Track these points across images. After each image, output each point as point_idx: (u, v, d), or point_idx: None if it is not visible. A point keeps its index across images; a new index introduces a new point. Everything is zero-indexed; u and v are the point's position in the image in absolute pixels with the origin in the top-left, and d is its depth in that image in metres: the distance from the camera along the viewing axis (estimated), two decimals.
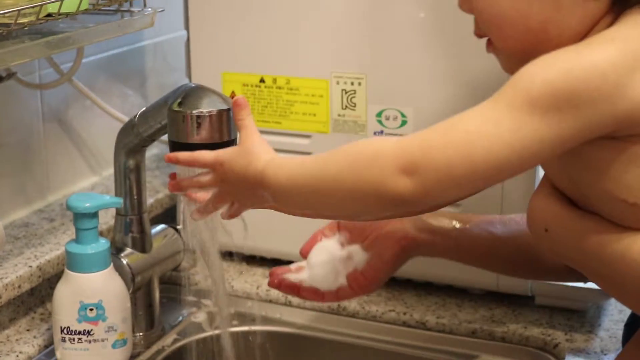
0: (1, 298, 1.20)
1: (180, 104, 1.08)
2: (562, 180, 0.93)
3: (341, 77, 1.30)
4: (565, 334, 1.24)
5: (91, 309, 1.15)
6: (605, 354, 1.19)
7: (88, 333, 1.15)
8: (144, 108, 1.18)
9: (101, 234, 1.19)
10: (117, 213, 1.24)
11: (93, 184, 1.55)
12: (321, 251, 1.14)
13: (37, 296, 1.29)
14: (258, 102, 1.35)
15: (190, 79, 1.39)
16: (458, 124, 0.85)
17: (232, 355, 1.21)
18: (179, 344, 1.29)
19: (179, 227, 1.31)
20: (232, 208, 1.02)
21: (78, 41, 1.19)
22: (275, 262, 1.36)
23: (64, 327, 1.16)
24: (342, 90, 1.30)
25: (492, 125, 0.83)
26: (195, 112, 1.06)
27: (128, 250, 1.24)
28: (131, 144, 1.20)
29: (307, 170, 0.92)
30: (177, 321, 1.33)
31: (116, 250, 1.23)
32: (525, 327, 1.26)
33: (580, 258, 0.92)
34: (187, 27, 1.37)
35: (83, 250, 1.15)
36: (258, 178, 0.95)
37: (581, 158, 0.88)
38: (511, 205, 1.24)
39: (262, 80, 1.35)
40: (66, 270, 1.16)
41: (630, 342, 1.03)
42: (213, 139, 1.07)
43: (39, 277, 1.26)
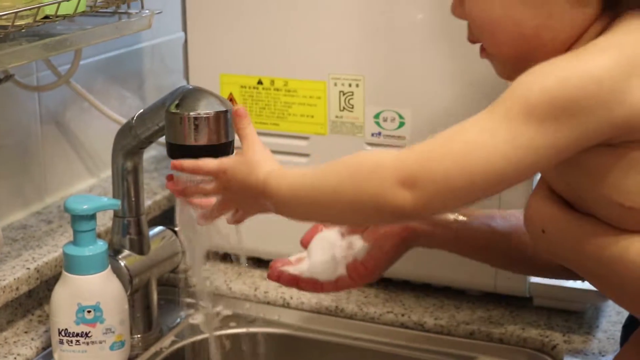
0: None
1: (177, 106, 1.08)
2: (560, 184, 0.93)
3: (339, 79, 1.30)
4: (563, 336, 1.24)
5: (89, 311, 1.15)
6: (603, 356, 1.19)
7: (86, 335, 1.15)
8: (142, 110, 1.18)
9: (99, 236, 1.19)
10: (115, 215, 1.24)
11: (91, 186, 1.54)
12: (321, 241, 1.14)
13: (35, 298, 1.29)
14: (256, 104, 1.35)
15: (187, 81, 1.38)
16: (456, 135, 0.85)
17: (222, 357, 1.22)
18: (177, 346, 1.29)
19: (177, 229, 1.31)
20: (237, 214, 1.03)
21: (75, 43, 1.19)
22: None
23: (62, 329, 1.16)
24: (340, 91, 1.30)
25: (489, 135, 0.84)
26: (192, 114, 1.06)
27: (126, 252, 1.24)
28: (129, 146, 1.20)
29: (308, 181, 0.93)
30: (175, 323, 1.33)
31: (114, 252, 1.23)
32: (523, 329, 1.26)
33: (577, 260, 0.92)
34: (185, 29, 1.37)
35: (81, 252, 1.15)
36: (260, 188, 0.96)
37: (579, 165, 0.88)
38: (510, 205, 1.23)
39: (260, 82, 1.35)
40: (64, 272, 1.16)
41: (627, 344, 1.03)
42: (211, 141, 1.07)
43: (37, 279, 1.26)
